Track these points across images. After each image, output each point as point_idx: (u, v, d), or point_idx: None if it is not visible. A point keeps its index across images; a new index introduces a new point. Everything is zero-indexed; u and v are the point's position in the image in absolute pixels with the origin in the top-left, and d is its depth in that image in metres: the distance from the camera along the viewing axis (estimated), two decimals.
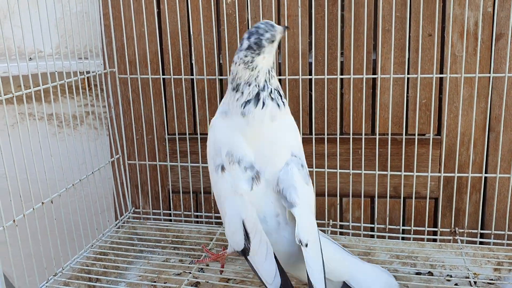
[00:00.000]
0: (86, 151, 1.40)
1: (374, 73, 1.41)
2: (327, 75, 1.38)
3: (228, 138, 1.06)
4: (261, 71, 1.03)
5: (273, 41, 1.02)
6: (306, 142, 1.43)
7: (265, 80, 1.04)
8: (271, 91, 1.05)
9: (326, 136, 1.41)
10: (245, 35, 1.02)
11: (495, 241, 1.36)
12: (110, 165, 1.55)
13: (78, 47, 1.46)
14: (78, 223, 1.34)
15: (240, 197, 1.00)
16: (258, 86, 1.04)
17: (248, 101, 1.03)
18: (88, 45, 1.53)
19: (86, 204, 1.38)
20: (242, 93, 1.04)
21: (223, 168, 1.04)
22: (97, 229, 1.42)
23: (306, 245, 0.95)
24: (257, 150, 1.04)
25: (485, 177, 1.39)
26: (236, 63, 1.03)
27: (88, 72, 1.45)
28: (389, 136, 1.38)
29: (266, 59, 1.03)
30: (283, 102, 1.07)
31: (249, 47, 1.01)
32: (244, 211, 0.99)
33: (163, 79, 1.52)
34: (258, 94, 1.03)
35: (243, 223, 0.98)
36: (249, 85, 1.03)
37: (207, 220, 1.56)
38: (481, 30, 1.33)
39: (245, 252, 0.98)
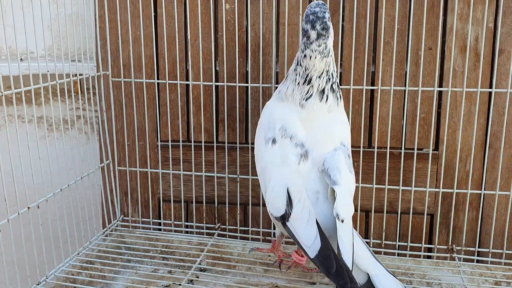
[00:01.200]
0: (75, 156, 1.36)
1: (373, 85, 1.39)
2: None
3: (283, 115, 1.08)
4: (332, 54, 1.04)
5: (330, 17, 1.02)
6: None
7: (333, 66, 1.06)
8: (334, 81, 1.06)
9: None
10: (307, 26, 1.00)
11: (493, 259, 1.33)
12: (100, 171, 1.50)
13: (71, 49, 1.42)
14: (65, 230, 1.29)
15: (288, 167, 1.04)
16: (328, 75, 1.05)
17: (312, 94, 1.05)
18: (82, 47, 1.49)
19: (73, 210, 1.34)
20: (312, 86, 1.05)
21: (274, 141, 1.07)
22: (84, 237, 1.37)
23: (343, 221, 0.97)
24: (309, 131, 1.06)
25: (482, 195, 1.38)
26: (310, 57, 1.02)
27: (81, 75, 1.41)
28: (388, 150, 1.35)
29: (333, 38, 1.03)
30: (340, 96, 1.09)
31: (319, 35, 1.00)
32: (290, 179, 1.02)
33: (157, 84, 1.49)
34: (324, 88, 1.05)
35: (287, 190, 1.01)
36: (320, 77, 1.04)
37: (198, 230, 1.52)
38: (482, 45, 1.31)
39: (284, 217, 1.00)
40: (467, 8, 1.31)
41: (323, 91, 1.05)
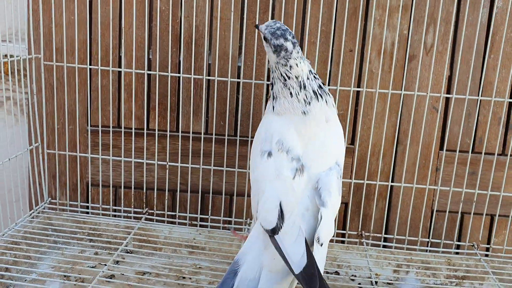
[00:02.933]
0: (2, 137, 1.35)
1: None
2: (255, 79, 1.44)
3: (281, 128, 1.09)
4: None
5: None
6: (231, 143, 1.48)
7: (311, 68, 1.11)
8: (318, 79, 1.10)
9: (250, 139, 1.46)
10: (280, 40, 1.05)
11: (397, 245, 1.47)
12: (28, 154, 1.50)
13: (2, 30, 1.41)
14: None
15: (282, 181, 1.03)
16: (313, 75, 1.09)
17: (312, 97, 1.07)
18: (14, 28, 1.48)
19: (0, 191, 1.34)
20: (307, 89, 1.07)
21: (270, 154, 1.07)
22: (10, 218, 1.38)
23: (322, 245, 0.99)
24: (307, 147, 1.08)
25: (391, 187, 1.51)
26: (297, 65, 1.06)
27: (12, 56, 1.40)
28: None
29: None
30: (326, 92, 1.11)
31: (294, 43, 1.05)
32: (284, 193, 1.02)
33: (89, 69, 1.51)
34: (315, 87, 1.09)
35: (280, 204, 1.00)
36: (309, 79, 1.08)
37: (125, 214, 1.55)
38: (397, 50, 1.44)
39: (275, 231, 0.98)
40: (384, 15, 1.43)
41: (315, 91, 1.08)
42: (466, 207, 1.48)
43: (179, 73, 1.49)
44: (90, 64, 1.50)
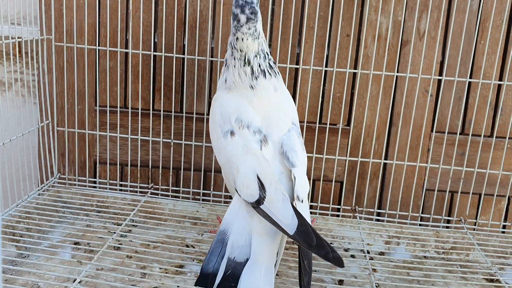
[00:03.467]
0: (11, 117, 1.41)
1: (297, 65, 1.56)
2: None
3: (235, 107, 1.15)
4: (262, 36, 1.14)
5: (258, 2, 1.12)
6: None
7: (266, 46, 1.16)
8: (270, 59, 1.17)
9: None
10: (237, 10, 1.09)
11: (388, 219, 1.55)
12: (40, 131, 1.57)
13: (12, 13, 1.47)
14: (5, 183, 1.36)
15: (252, 155, 1.09)
16: (263, 53, 1.15)
17: (258, 74, 1.14)
18: (22, 11, 1.54)
19: (14, 166, 1.40)
20: (253, 66, 1.14)
21: (232, 133, 1.13)
22: (23, 190, 1.45)
23: (302, 201, 1.07)
24: (263, 116, 1.15)
25: (384, 167, 1.59)
26: (243, 39, 1.11)
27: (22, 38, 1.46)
28: (305, 124, 1.54)
29: (261, 22, 1.14)
30: (278, 72, 1.20)
31: (249, 19, 1.09)
32: (257, 166, 1.06)
33: (98, 51, 1.58)
34: (263, 66, 1.15)
35: (257, 177, 1.04)
36: (257, 57, 1.14)
37: (131, 189, 1.62)
38: (391, 35, 1.51)
39: (259, 202, 1.02)
40: (380, 2, 1.50)
41: (263, 69, 1.15)
42: (456, 186, 1.56)
43: (183, 55, 1.56)
44: (98, 46, 1.57)
